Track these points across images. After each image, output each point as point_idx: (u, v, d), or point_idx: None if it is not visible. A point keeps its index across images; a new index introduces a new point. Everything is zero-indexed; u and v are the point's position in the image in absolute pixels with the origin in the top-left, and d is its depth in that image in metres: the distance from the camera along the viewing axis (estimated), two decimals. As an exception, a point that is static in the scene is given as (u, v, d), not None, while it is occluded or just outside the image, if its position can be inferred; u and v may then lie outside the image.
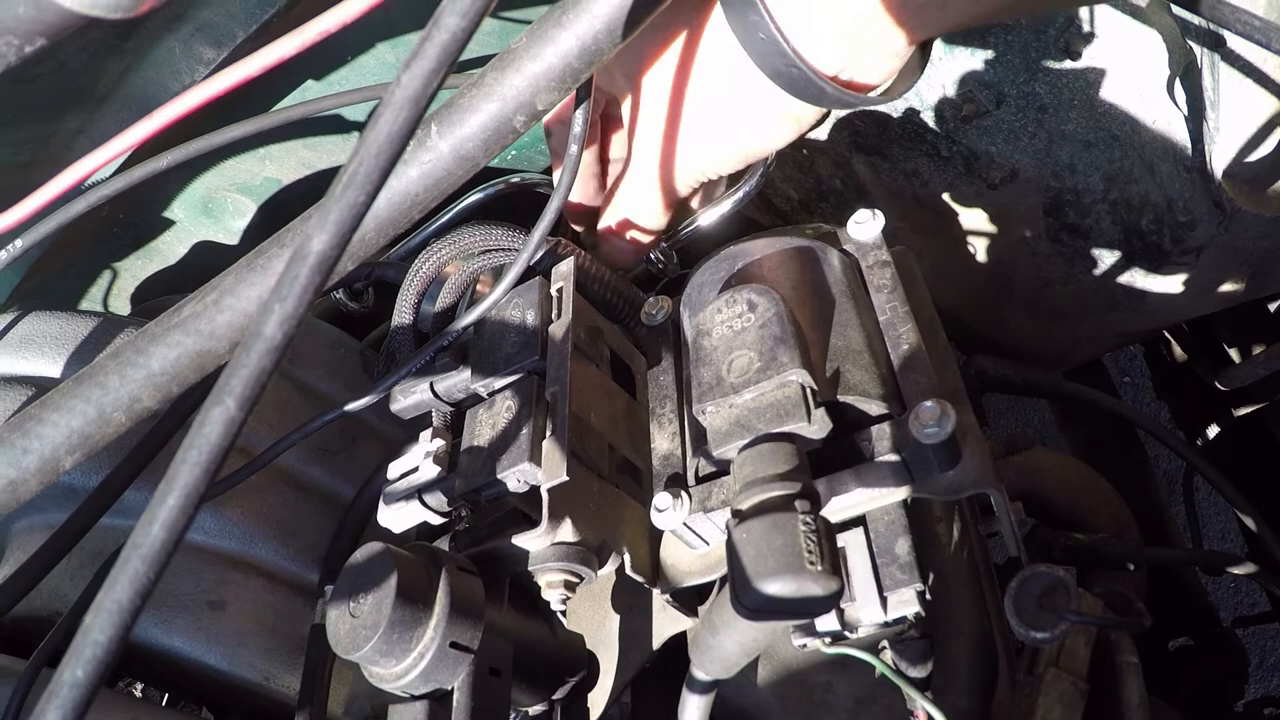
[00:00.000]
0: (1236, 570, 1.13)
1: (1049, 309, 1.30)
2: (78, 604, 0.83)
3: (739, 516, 0.60)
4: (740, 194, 0.97)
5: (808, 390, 0.64)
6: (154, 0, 0.43)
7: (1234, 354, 1.44)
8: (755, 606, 0.57)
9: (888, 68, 0.75)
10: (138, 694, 0.98)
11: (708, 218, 0.98)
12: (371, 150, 0.37)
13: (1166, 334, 1.59)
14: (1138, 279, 1.16)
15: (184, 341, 0.55)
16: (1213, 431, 1.54)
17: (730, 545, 0.59)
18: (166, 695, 0.98)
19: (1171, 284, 1.15)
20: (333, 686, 0.89)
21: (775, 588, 0.56)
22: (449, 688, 0.70)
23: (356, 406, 0.83)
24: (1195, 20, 0.89)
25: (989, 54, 1.01)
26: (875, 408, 0.67)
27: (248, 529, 0.95)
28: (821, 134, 1.20)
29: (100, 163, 0.64)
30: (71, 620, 0.83)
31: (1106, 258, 1.16)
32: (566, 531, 0.70)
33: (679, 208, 0.92)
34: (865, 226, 0.80)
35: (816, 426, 0.63)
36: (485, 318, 0.83)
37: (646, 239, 0.92)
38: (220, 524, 0.94)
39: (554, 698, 0.83)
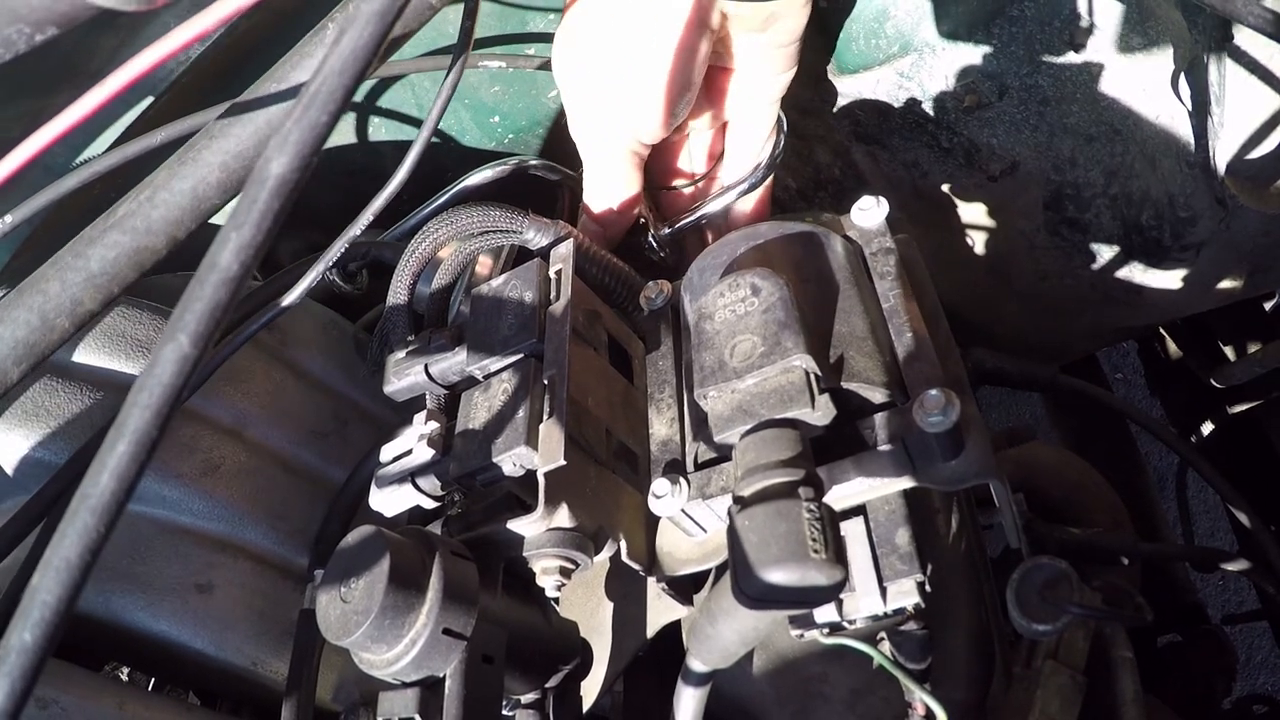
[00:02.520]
0: (1229, 567, 1.13)
1: (1046, 303, 1.29)
2: (24, 566, 0.81)
3: (741, 503, 0.60)
4: (745, 185, 0.96)
5: (812, 376, 0.63)
6: None
7: (1229, 351, 1.44)
8: (757, 595, 0.56)
9: None
10: (124, 678, 0.97)
11: (710, 208, 0.97)
12: (335, 67, 0.35)
13: (1162, 330, 1.59)
14: (1136, 274, 1.16)
15: (121, 240, 0.53)
16: (1206, 429, 1.54)
17: (732, 532, 0.58)
18: (153, 680, 0.97)
19: (1170, 280, 1.14)
20: (322, 673, 0.88)
21: (778, 576, 0.55)
22: (441, 675, 0.69)
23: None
24: (1202, 14, 0.89)
25: (992, 45, 1.00)
26: (879, 395, 0.66)
27: (236, 511, 0.93)
28: (821, 123, 1.19)
29: (81, 116, 0.62)
30: (18, 585, 0.81)
31: (1105, 252, 1.16)
32: (562, 517, 0.70)
33: (638, 175, 0.94)
34: (869, 213, 0.80)
35: (820, 413, 0.63)
36: (483, 298, 0.82)
37: (614, 217, 0.94)
38: (208, 506, 0.93)
39: (547, 686, 0.82)
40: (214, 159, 0.56)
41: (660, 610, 0.82)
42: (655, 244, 0.98)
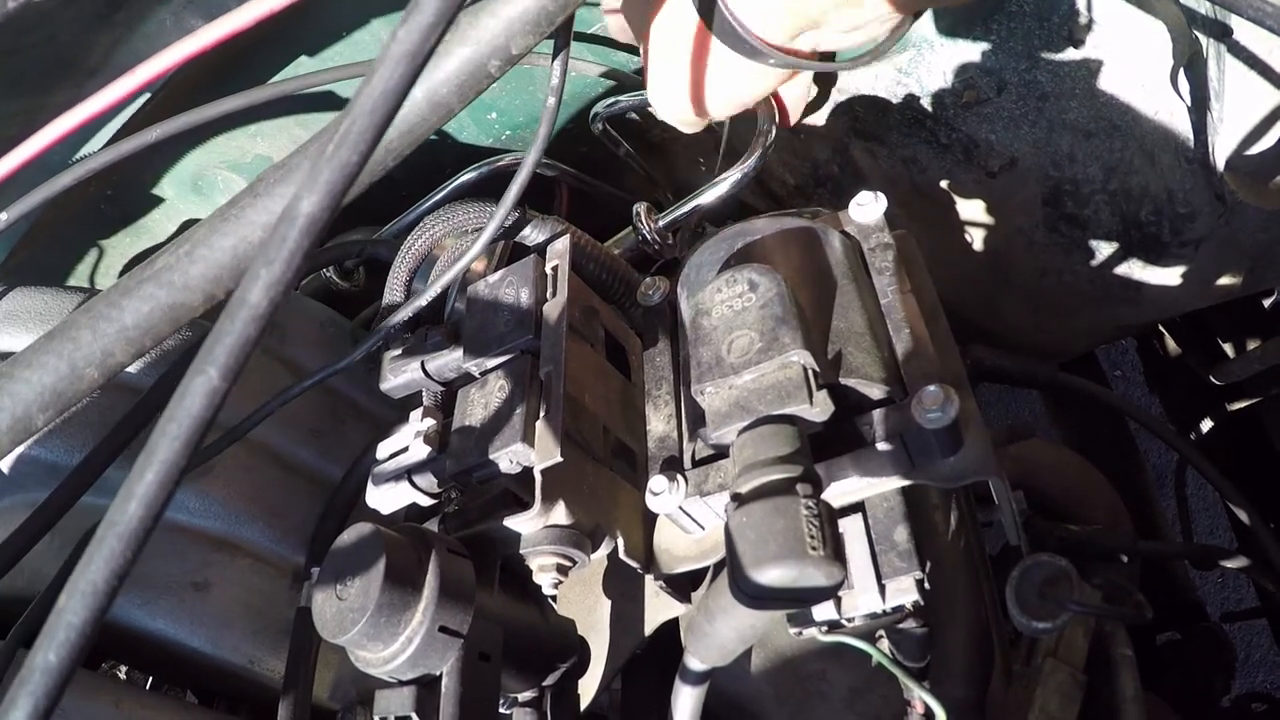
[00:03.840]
0: (1228, 564, 1.13)
1: (1045, 299, 1.29)
2: (54, 582, 0.81)
3: (738, 500, 0.59)
4: (738, 175, 0.95)
5: (810, 372, 0.63)
6: None
7: (1228, 348, 1.44)
8: (755, 593, 0.56)
9: (857, 40, 0.71)
10: (121, 677, 0.97)
11: (705, 199, 0.97)
12: (365, 108, 0.36)
13: (1161, 327, 1.59)
14: (1135, 271, 1.16)
15: (157, 294, 0.53)
16: (1205, 426, 1.54)
17: (729, 530, 0.58)
18: (150, 678, 0.96)
19: (1169, 276, 1.14)
20: (318, 671, 0.88)
21: (776, 574, 0.54)
22: (438, 673, 0.69)
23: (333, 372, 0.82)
24: (1202, 9, 0.88)
25: (991, 40, 1.00)
26: (877, 391, 0.66)
27: (234, 509, 0.93)
28: (819, 119, 1.19)
29: (84, 118, 0.62)
30: (48, 599, 0.81)
31: (1104, 249, 1.15)
32: (559, 514, 0.69)
33: None
34: (867, 209, 0.79)
35: (819, 409, 0.62)
36: (479, 295, 0.82)
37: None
38: (205, 504, 0.92)
39: (544, 684, 0.81)
40: (258, 218, 0.55)
41: (658, 608, 0.82)
42: (650, 236, 0.97)
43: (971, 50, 1.01)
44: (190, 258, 0.54)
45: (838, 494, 0.66)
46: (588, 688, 0.84)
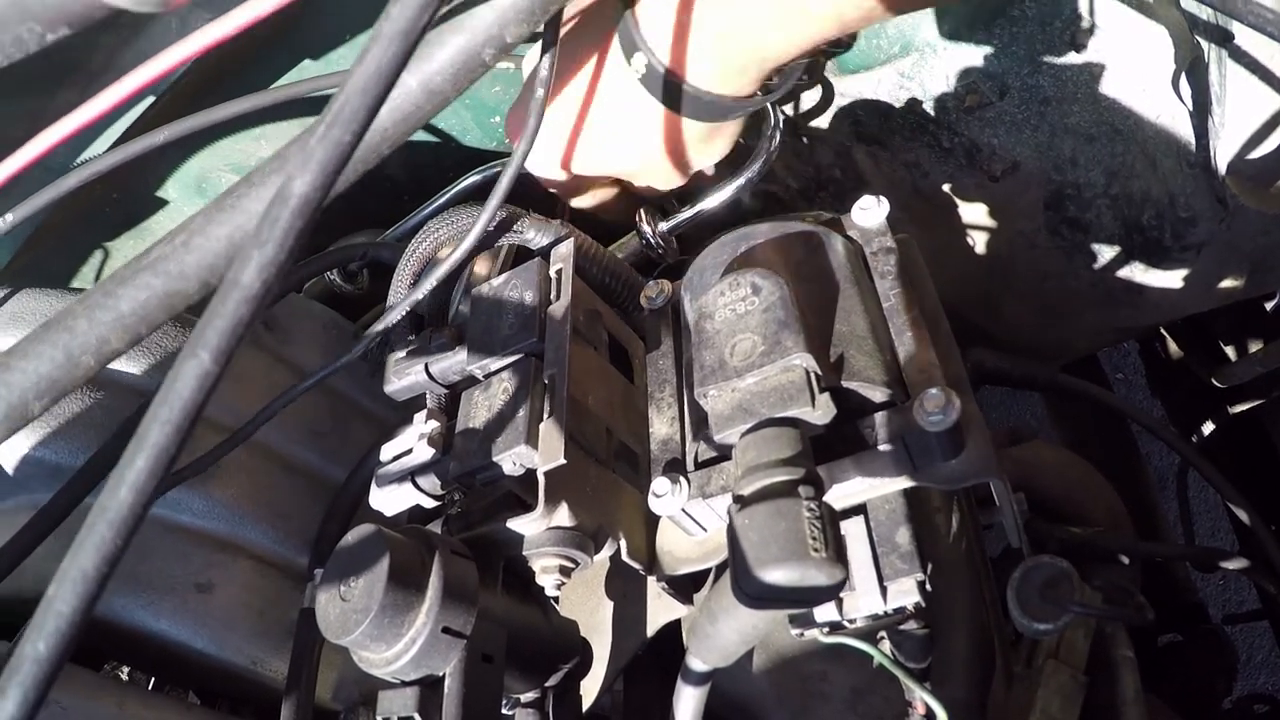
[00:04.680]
0: (1229, 566, 1.13)
1: (1047, 303, 1.29)
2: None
3: (741, 502, 0.60)
4: (742, 180, 0.96)
5: (812, 375, 0.63)
6: None
7: (1230, 351, 1.44)
8: (757, 594, 0.56)
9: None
10: (124, 678, 0.97)
11: (709, 204, 0.97)
12: (358, 86, 0.36)
13: (1163, 330, 1.59)
14: (1137, 274, 1.16)
15: (153, 283, 0.53)
16: (1207, 429, 1.54)
17: (732, 531, 0.58)
18: (153, 679, 0.97)
19: (1171, 280, 1.14)
20: (321, 672, 0.88)
21: (778, 575, 0.55)
22: (441, 674, 0.69)
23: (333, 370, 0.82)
24: (1203, 14, 0.89)
25: (993, 45, 1.00)
26: (879, 394, 0.66)
27: (237, 510, 0.93)
28: (822, 123, 1.19)
29: (87, 119, 0.62)
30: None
31: (1106, 252, 1.16)
32: (562, 516, 0.70)
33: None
34: (870, 213, 0.80)
35: (821, 412, 0.62)
36: (483, 297, 0.82)
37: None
38: (209, 505, 0.93)
39: (547, 685, 0.82)
40: (253, 207, 0.55)
41: (660, 609, 0.82)
42: (653, 240, 0.98)
43: (974, 54, 1.01)
44: (186, 247, 0.54)
45: (840, 496, 0.66)
46: (590, 689, 0.84)
